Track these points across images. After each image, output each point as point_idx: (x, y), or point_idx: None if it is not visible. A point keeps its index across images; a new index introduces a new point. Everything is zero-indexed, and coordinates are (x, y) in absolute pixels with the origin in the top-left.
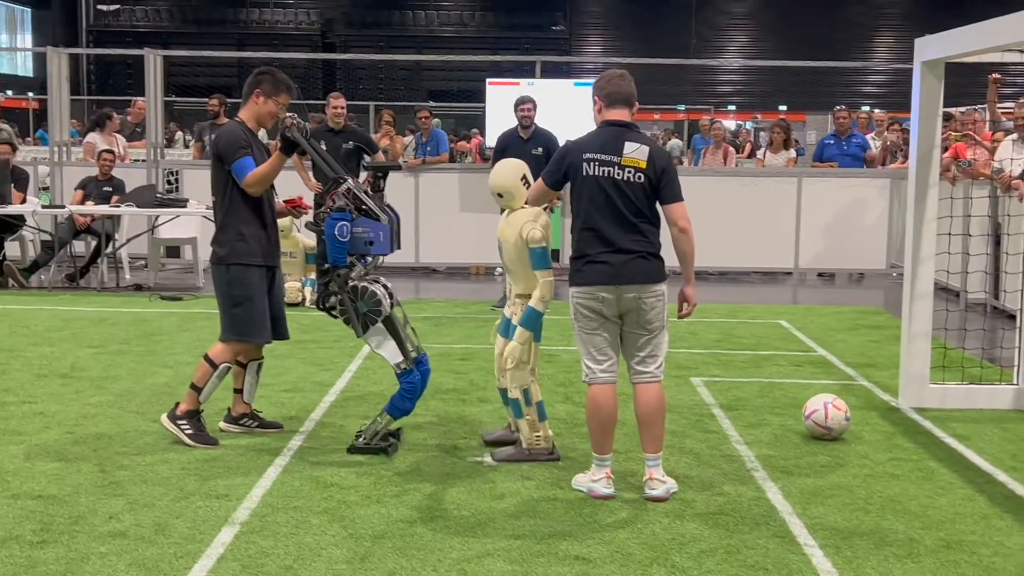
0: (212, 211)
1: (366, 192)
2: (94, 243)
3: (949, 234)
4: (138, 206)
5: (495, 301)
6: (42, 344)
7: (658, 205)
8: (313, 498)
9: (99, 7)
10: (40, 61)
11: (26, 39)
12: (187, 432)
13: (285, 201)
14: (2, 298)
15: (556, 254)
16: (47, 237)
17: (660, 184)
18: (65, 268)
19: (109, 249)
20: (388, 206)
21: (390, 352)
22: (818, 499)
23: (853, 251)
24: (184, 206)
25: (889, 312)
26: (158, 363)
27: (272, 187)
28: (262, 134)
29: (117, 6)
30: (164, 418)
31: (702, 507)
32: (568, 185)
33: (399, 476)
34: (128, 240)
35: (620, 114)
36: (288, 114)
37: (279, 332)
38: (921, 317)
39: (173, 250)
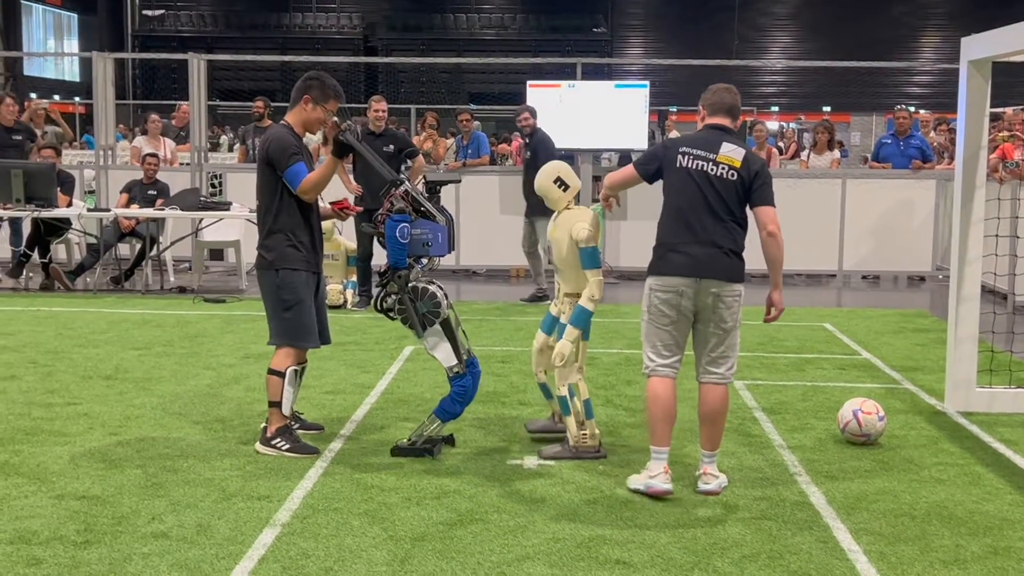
0: (256, 215)
1: (422, 194)
2: (139, 246)
3: (996, 236)
4: (182, 209)
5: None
6: (87, 346)
7: (748, 209)
8: (354, 500)
9: (144, 12)
10: (86, 66)
11: (72, 44)
12: (285, 448)
13: (331, 203)
14: (48, 300)
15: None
16: (92, 240)
17: (753, 185)
18: (110, 271)
19: (153, 252)
20: (442, 208)
21: (444, 355)
22: (862, 504)
23: (899, 253)
24: (227, 209)
25: (935, 315)
26: (201, 365)
27: None
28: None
29: (162, 11)
30: (258, 446)
31: (744, 511)
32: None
33: (439, 478)
34: (172, 243)
35: (721, 121)
36: (337, 119)
37: (322, 337)
38: (968, 320)
39: (217, 253)
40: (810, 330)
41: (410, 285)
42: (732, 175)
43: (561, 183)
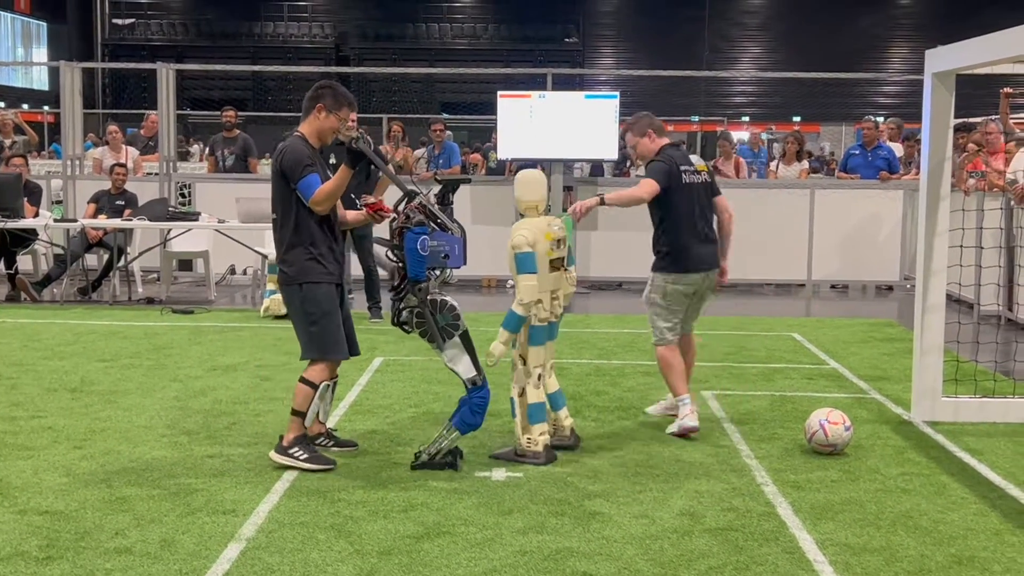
0: (272, 228)
1: (436, 205)
2: (106, 256)
3: (961, 246)
4: (150, 219)
5: None
6: (53, 358)
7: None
8: (320, 514)
9: (114, 21)
10: (55, 75)
11: (41, 53)
12: (302, 458)
13: (365, 206)
14: (14, 312)
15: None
16: (59, 251)
17: (713, 182)
18: (77, 282)
19: (121, 262)
20: (455, 219)
21: (464, 367)
22: (828, 514)
23: (867, 263)
24: (196, 219)
25: (902, 324)
26: (168, 377)
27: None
28: None
29: (132, 20)
30: (273, 454)
31: (711, 522)
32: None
33: (406, 491)
34: (140, 253)
35: (667, 139)
36: (350, 126)
37: (352, 349)
38: (933, 330)
39: (185, 263)
40: (779, 340)
41: (430, 298)
42: (707, 180)
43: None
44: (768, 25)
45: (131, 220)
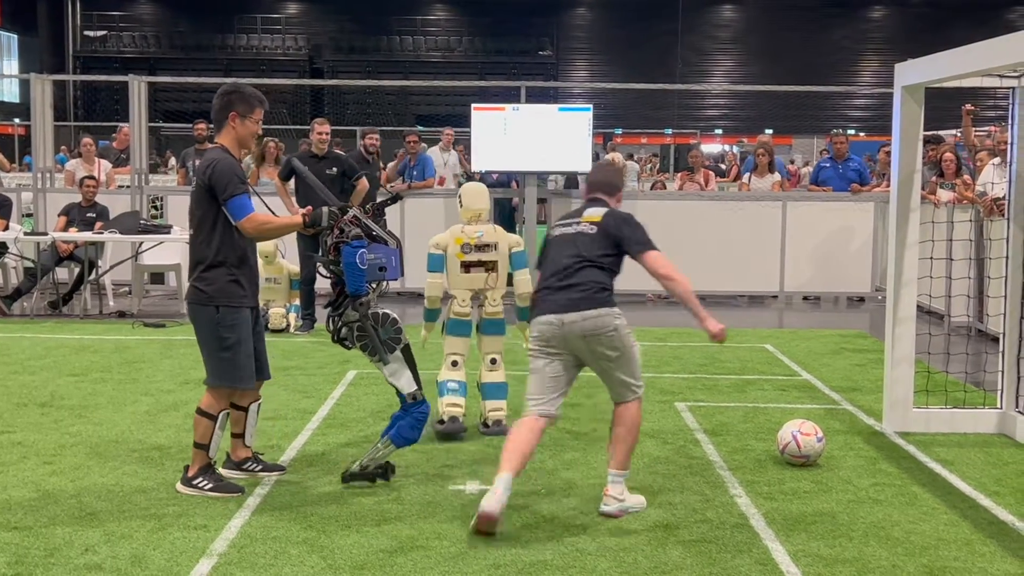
0: (190, 244)
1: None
2: (77, 270)
3: (931, 258)
4: (122, 232)
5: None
6: (22, 372)
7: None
8: (292, 528)
9: (86, 33)
10: (26, 87)
11: (12, 65)
12: (208, 488)
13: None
14: None
15: None
16: (30, 264)
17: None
18: (48, 295)
19: (92, 276)
20: (390, 231)
21: (405, 381)
22: (801, 525)
23: (839, 274)
24: (168, 232)
25: (874, 336)
26: (139, 391)
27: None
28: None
29: (104, 32)
30: (179, 486)
31: (685, 534)
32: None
33: (379, 505)
34: (111, 267)
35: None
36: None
37: (262, 372)
38: (904, 341)
39: (157, 276)
40: (751, 351)
41: (370, 311)
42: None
43: (459, 199)
44: (740, 39)
45: (102, 233)
